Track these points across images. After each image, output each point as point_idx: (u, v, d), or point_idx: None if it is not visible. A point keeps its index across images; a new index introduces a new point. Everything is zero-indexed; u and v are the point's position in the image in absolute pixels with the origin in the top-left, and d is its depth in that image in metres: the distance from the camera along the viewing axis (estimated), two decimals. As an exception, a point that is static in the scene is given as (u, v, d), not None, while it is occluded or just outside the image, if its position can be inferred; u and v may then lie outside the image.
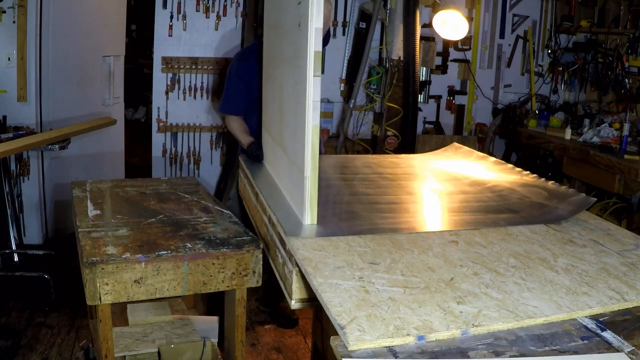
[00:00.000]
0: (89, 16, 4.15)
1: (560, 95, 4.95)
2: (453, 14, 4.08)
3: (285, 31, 1.96)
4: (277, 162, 2.17)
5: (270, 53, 2.31)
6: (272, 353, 2.90)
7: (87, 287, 1.70)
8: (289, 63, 1.91)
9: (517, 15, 4.78)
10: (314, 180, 1.65)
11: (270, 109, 2.32)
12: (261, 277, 1.94)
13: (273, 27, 2.26)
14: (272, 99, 2.28)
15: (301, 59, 1.67)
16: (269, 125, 2.38)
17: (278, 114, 2.10)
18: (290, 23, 1.85)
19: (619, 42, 4.22)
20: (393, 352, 1.04)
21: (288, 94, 1.92)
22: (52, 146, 3.31)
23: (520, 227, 1.72)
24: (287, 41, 1.91)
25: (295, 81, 1.79)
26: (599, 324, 1.18)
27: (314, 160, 1.64)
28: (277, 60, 2.16)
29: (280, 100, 2.05)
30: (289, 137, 1.90)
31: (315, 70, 1.59)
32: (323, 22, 1.80)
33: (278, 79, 2.11)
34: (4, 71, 3.59)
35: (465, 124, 4.81)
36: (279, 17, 2.11)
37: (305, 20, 1.60)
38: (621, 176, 3.49)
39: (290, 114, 1.88)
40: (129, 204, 2.24)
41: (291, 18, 1.83)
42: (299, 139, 1.70)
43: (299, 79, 1.70)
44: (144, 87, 6.79)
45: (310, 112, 1.62)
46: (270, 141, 2.34)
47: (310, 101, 1.61)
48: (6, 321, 2.97)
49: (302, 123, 1.66)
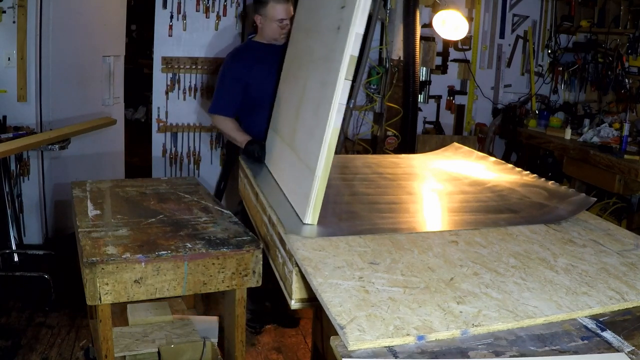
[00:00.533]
0: (89, 16, 4.15)
1: (560, 95, 4.95)
2: (453, 14, 4.07)
3: (320, 34, 1.97)
4: (282, 161, 2.17)
5: (296, 54, 2.31)
6: (272, 353, 2.90)
7: (87, 287, 1.70)
8: (318, 65, 1.92)
9: (517, 15, 4.78)
10: (323, 181, 1.66)
11: (284, 108, 2.32)
12: (261, 277, 1.94)
13: (304, 29, 2.28)
14: (288, 99, 2.29)
15: (334, 62, 1.68)
16: (279, 123, 2.38)
17: (294, 113, 2.10)
18: (328, 26, 1.86)
19: (619, 42, 4.22)
20: (393, 352, 1.04)
21: (311, 94, 1.93)
22: (52, 146, 3.31)
23: (520, 227, 1.72)
24: (321, 43, 1.92)
25: (322, 82, 1.80)
26: (599, 324, 1.18)
27: (328, 161, 1.66)
28: (303, 61, 2.18)
29: (300, 100, 2.05)
30: (303, 137, 1.90)
31: (348, 73, 1.62)
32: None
33: (301, 80, 2.11)
34: (4, 71, 3.59)
35: (465, 124, 4.81)
36: (313, 19, 2.13)
37: (347, 24, 1.63)
38: (621, 176, 3.49)
39: (309, 114, 1.88)
40: (129, 204, 2.24)
41: (329, 21, 1.84)
42: (316, 139, 1.70)
43: (328, 81, 1.72)
44: (144, 87, 6.79)
45: (335, 114, 1.64)
46: (277, 140, 2.34)
47: (337, 103, 1.63)
48: (6, 321, 2.97)
49: (322, 124, 1.67)
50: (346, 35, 1.62)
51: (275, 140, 2.40)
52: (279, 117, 2.41)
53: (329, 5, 1.92)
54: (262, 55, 2.79)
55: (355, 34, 1.60)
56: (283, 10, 2.71)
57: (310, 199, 1.67)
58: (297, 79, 2.19)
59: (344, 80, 1.63)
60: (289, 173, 2.03)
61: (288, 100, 2.28)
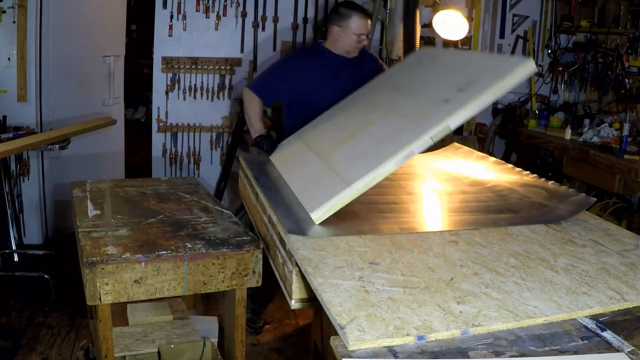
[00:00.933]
0: (89, 16, 4.15)
1: (560, 95, 4.95)
2: (453, 14, 4.07)
3: (417, 95, 2.13)
4: (299, 161, 2.22)
5: (374, 98, 2.42)
6: (272, 353, 2.90)
7: (87, 287, 1.70)
8: (400, 115, 2.03)
9: (517, 15, 4.78)
10: (353, 194, 1.70)
11: (330, 126, 2.39)
12: (261, 277, 1.94)
13: (392, 86, 2.43)
14: (339, 123, 2.36)
15: (424, 122, 1.79)
16: (309, 134, 2.44)
17: (343, 134, 2.17)
18: (431, 95, 2.00)
19: (619, 42, 4.22)
20: (393, 352, 1.04)
21: (379, 132, 1.99)
22: (52, 146, 3.31)
23: (520, 227, 1.72)
24: (415, 103, 2.05)
25: (396, 130, 1.90)
26: (599, 324, 1.18)
27: (368, 185, 1.71)
28: (379, 106, 2.28)
29: (362, 129, 2.11)
30: (347, 155, 1.95)
31: (435, 136, 1.72)
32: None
33: (370, 117, 2.19)
34: (4, 71, 3.58)
35: (465, 124, 4.81)
36: (414, 82, 2.32)
37: (458, 104, 1.76)
38: (621, 176, 3.49)
39: (368, 144, 1.94)
40: (129, 204, 2.24)
41: (436, 91, 2.00)
42: (368, 164, 1.76)
43: (404, 131, 1.84)
44: (144, 87, 6.79)
45: (401, 157, 1.71)
46: (298, 145, 2.40)
47: (405, 153, 1.71)
48: (6, 321, 2.97)
49: (382, 156, 1.74)
50: (453, 110, 1.74)
51: (294, 144, 2.46)
52: (315, 130, 2.47)
53: (439, 81, 2.12)
54: (329, 63, 2.86)
55: (463, 115, 1.74)
56: (364, 26, 2.80)
57: (330, 200, 1.69)
58: (365, 114, 2.28)
59: (429, 139, 1.72)
60: (308, 172, 2.06)
61: (338, 124, 2.36)
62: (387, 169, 1.70)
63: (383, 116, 2.13)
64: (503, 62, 1.98)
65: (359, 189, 1.69)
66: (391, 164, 1.70)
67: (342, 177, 1.78)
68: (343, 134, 2.17)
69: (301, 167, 2.19)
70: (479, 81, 1.81)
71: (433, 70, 2.35)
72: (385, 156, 1.72)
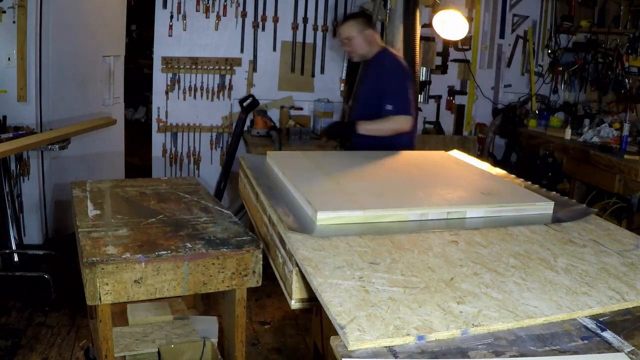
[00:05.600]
0: (89, 16, 4.15)
1: (560, 95, 4.95)
2: (453, 14, 4.07)
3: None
4: (309, 174, 2.18)
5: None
6: (272, 353, 2.90)
7: (87, 287, 1.70)
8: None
9: (517, 15, 4.78)
10: (364, 218, 1.71)
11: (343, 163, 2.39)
12: (261, 277, 1.94)
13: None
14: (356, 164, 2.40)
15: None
16: (324, 161, 2.42)
17: (355, 173, 2.23)
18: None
19: (619, 42, 4.22)
20: (393, 352, 1.04)
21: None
22: (52, 146, 3.31)
23: (520, 227, 1.72)
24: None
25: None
26: (599, 324, 1.18)
27: (380, 217, 1.74)
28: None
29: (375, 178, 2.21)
30: (359, 190, 1.97)
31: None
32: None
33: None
34: (4, 71, 3.59)
35: (465, 124, 4.81)
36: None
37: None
38: (621, 176, 3.49)
39: (378, 189, 2.00)
40: (129, 204, 2.24)
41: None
42: (375, 201, 1.82)
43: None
44: (144, 87, 6.80)
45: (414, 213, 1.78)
46: (308, 163, 2.36)
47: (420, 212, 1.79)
48: (6, 321, 2.97)
49: (392, 204, 1.83)
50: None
51: (302, 159, 2.44)
52: (327, 159, 2.51)
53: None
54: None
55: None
56: (340, 32, 3.06)
57: (340, 211, 1.70)
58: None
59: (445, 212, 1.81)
60: (318, 184, 2.05)
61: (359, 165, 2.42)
62: (401, 214, 1.75)
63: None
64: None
65: (372, 215, 1.72)
66: (406, 212, 1.75)
67: (355, 202, 1.80)
68: (360, 173, 2.23)
69: (309, 178, 2.17)
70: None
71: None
72: (402, 205, 1.78)
